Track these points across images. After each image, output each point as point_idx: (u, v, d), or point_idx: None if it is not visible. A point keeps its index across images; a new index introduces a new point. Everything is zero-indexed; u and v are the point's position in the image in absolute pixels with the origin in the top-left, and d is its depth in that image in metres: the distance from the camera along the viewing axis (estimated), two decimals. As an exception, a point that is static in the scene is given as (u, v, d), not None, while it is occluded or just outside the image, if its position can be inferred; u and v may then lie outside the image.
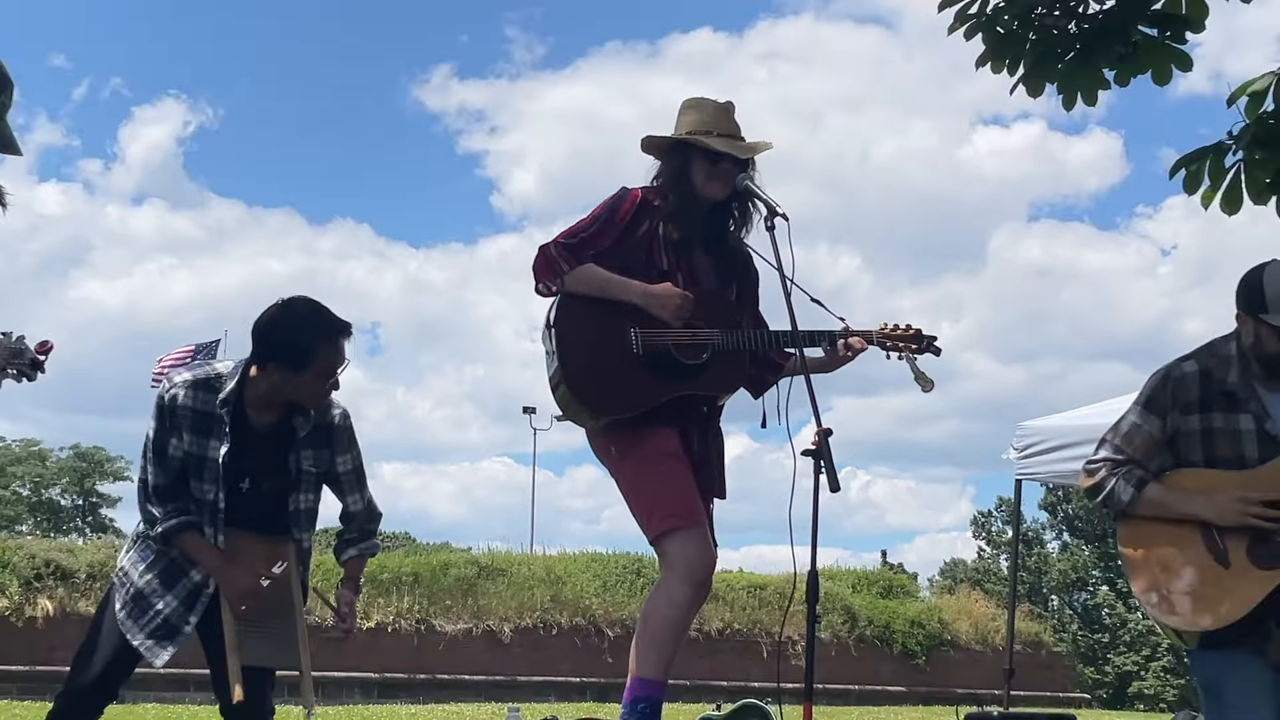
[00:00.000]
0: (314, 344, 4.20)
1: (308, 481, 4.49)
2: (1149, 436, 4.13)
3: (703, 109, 4.64)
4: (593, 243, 4.50)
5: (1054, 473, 8.95)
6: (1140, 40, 6.40)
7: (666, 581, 4.44)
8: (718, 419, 4.75)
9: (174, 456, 4.29)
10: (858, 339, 4.57)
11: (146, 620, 4.32)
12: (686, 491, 4.44)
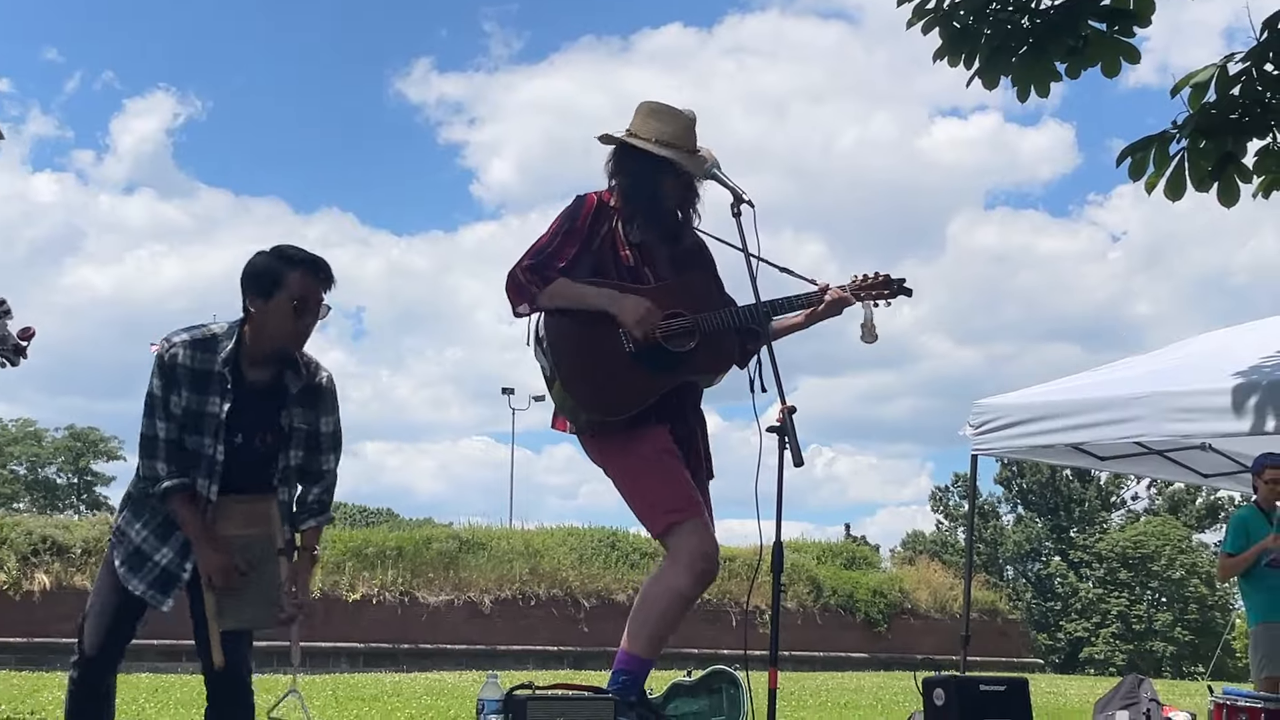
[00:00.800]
0: (278, 269, 4.24)
1: (297, 438, 4.46)
2: None
3: (675, 121, 4.56)
4: (557, 256, 4.47)
5: (1008, 448, 9.01)
6: (1090, 34, 6.44)
7: (670, 570, 4.42)
8: (700, 402, 4.72)
9: (175, 412, 4.28)
10: (834, 291, 4.55)
11: (145, 572, 4.35)
12: (684, 485, 4.44)
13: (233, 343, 4.30)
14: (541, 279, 4.44)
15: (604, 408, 4.45)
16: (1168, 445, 9.38)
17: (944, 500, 58.21)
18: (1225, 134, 6.47)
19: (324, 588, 21.11)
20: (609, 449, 4.53)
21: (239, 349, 4.31)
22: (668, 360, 4.39)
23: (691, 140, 4.54)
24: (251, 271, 4.29)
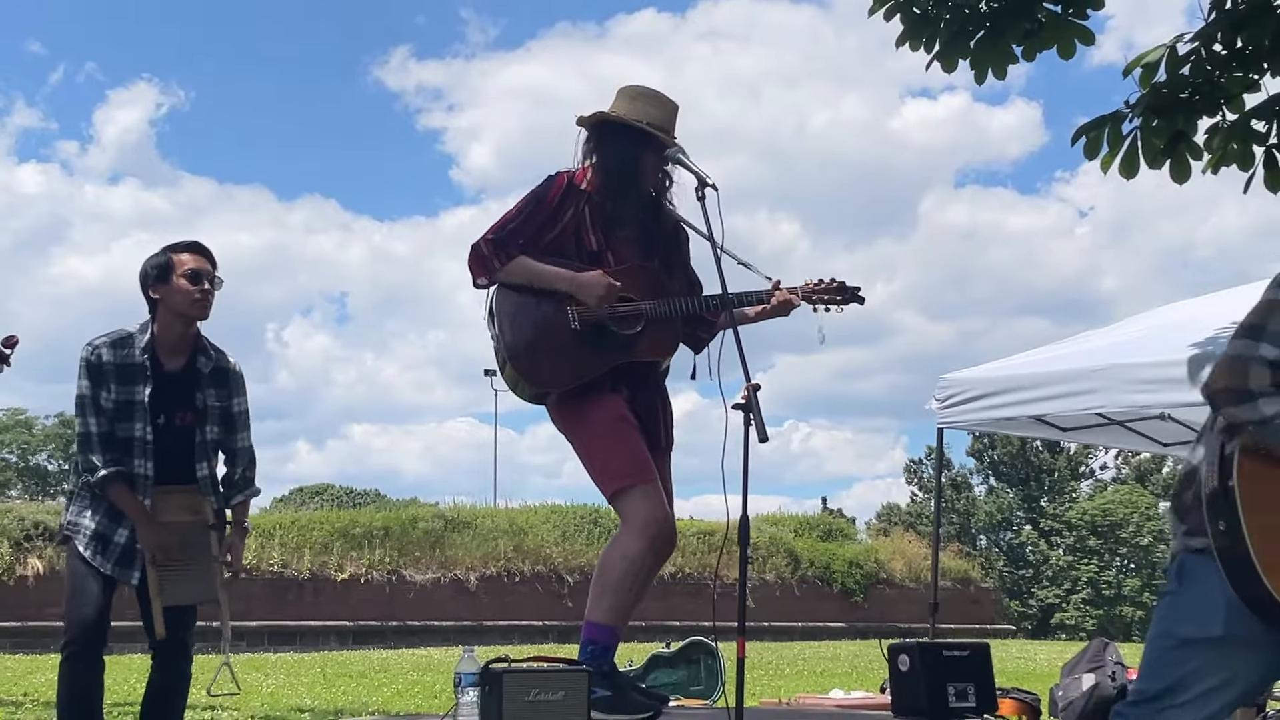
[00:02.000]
0: (167, 256, 4.74)
1: (212, 416, 4.87)
2: None
3: (662, 106, 4.62)
4: (520, 231, 4.51)
5: (973, 421, 9.04)
6: (1045, 17, 6.47)
7: (622, 535, 4.47)
8: (662, 379, 4.75)
9: (105, 407, 4.66)
10: (782, 293, 4.58)
11: (110, 551, 4.66)
12: (636, 451, 4.46)
13: (147, 336, 4.75)
14: (504, 254, 4.50)
15: (543, 381, 4.57)
16: (1127, 416, 9.43)
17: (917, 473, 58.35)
18: (1176, 112, 6.51)
19: (312, 568, 21.16)
20: (569, 415, 4.58)
21: (153, 341, 4.74)
22: (613, 341, 4.46)
23: (673, 126, 4.60)
24: (148, 266, 4.76)
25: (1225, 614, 3.09)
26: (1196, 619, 3.15)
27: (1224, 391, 3.01)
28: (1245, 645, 3.14)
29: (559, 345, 4.46)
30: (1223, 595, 3.06)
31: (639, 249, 4.61)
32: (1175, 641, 3.20)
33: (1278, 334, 2.97)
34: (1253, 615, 3.04)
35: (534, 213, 4.54)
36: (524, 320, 4.51)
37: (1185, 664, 3.18)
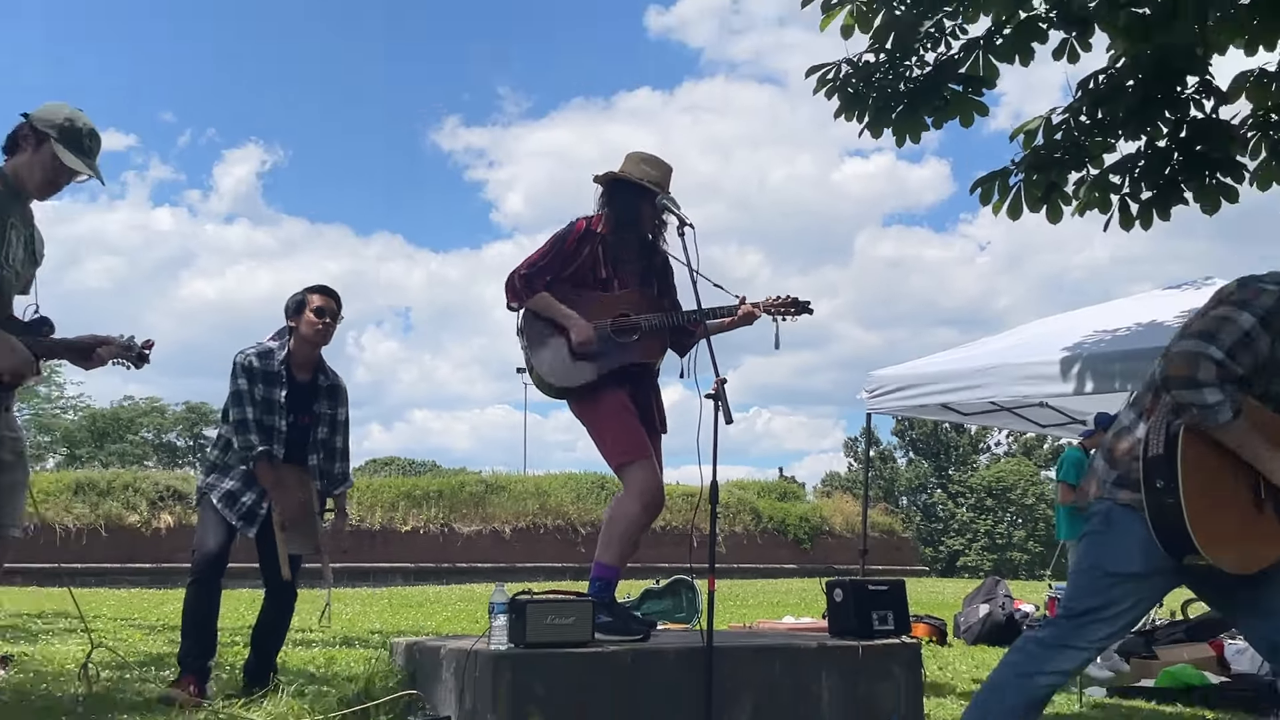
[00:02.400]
0: (302, 295, 4.93)
1: (323, 420, 5.02)
2: (1257, 355, 3.00)
3: (659, 168, 4.62)
4: (547, 269, 4.54)
5: (896, 407, 9.01)
6: (950, 95, 6.46)
7: (623, 498, 4.48)
8: (655, 378, 4.73)
9: (256, 400, 4.77)
10: (749, 307, 4.60)
11: (237, 508, 4.77)
12: (636, 433, 4.46)
13: (284, 352, 4.89)
14: (530, 290, 4.55)
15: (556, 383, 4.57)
16: (1015, 403, 9.42)
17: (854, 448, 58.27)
18: (1051, 169, 6.50)
19: (382, 521, 21.15)
20: (584, 406, 4.57)
21: (289, 356, 4.89)
22: (614, 348, 4.49)
23: (668, 183, 4.61)
24: (290, 300, 4.97)
25: (1143, 556, 3.11)
26: (1120, 559, 3.17)
27: (1178, 379, 2.96)
28: (1154, 577, 3.17)
29: (566, 357, 4.50)
30: (1140, 541, 3.08)
31: (638, 277, 4.63)
32: (1102, 574, 3.21)
33: (1225, 342, 2.93)
34: (1166, 554, 3.04)
35: (558, 254, 4.57)
36: (543, 337, 4.56)
37: (1108, 592, 3.19)
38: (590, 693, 3.94)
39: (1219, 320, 2.98)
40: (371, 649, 6.47)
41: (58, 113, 3.60)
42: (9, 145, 3.60)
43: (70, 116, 3.61)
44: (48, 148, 3.55)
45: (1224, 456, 3.01)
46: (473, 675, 3.99)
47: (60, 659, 6.01)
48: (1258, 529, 3.03)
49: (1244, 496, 3.03)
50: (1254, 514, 3.03)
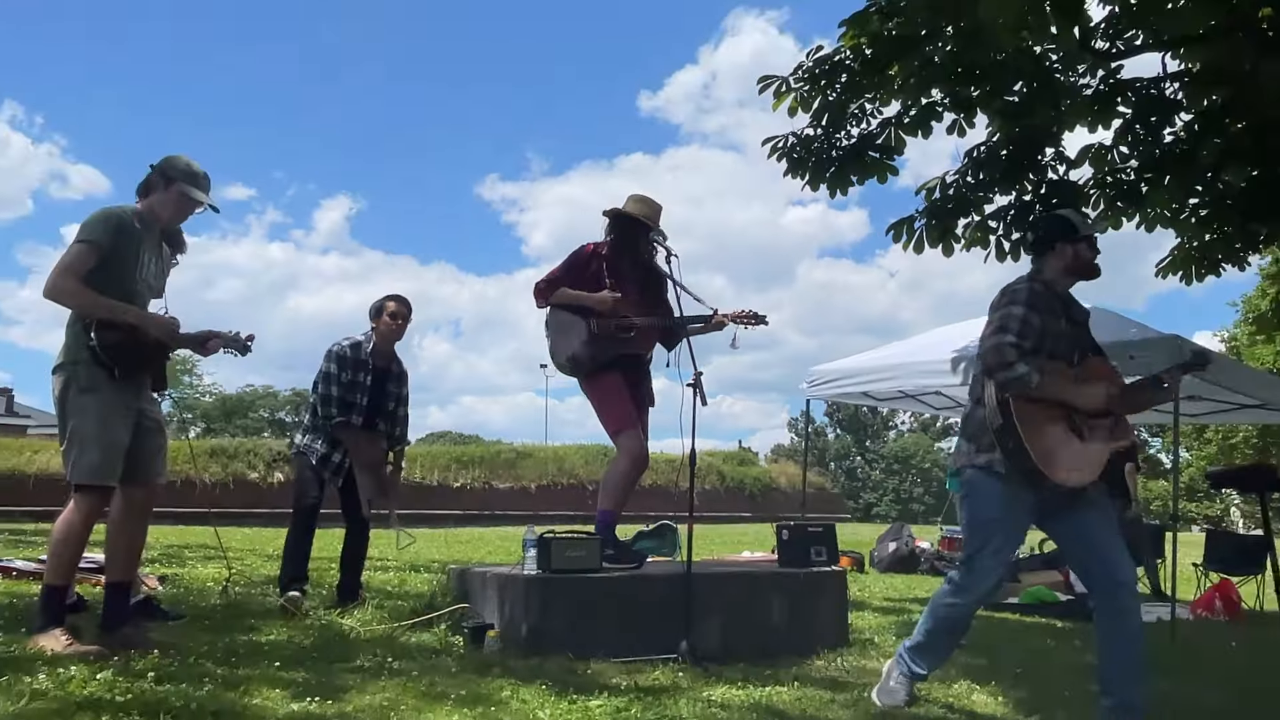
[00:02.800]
0: (381, 302, 5.01)
1: (391, 397, 5.02)
2: (1036, 330, 3.13)
3: (649, 205, 4.58)
4: (562, 280, 4.53)
5: (828, 394, 9.00)
6: (870, 160, 6.49)
7: (619, 460, 4.48)
8: (647, 366, 4.69)
9: (343, 381, 4.81)
10: (720, 317, 4.58)
11: (329, 465, 4.82)
12: (629, 408, 4.45)
13: (370, 345, 4.91)
14: (551, 291, 4.56)
15: (571, 364, 4.53)
16: (917, 391, 9.42)
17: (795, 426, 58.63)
18: (945, 216, 6.53)
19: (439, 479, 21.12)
20: (591, 384, 4.54)
21: (374, 349, 4.91)
22: (615, 340, 4.46)
23: (659, 219, 4.59)
24: (372, 305, 5.04)
25: (1001, 504, 3.25)
26: (987, 509, 3.29)
27: (993, 366, 3.13)
28: (1012, 518, 3.28)
29: (580, 345, 4.47)
30: (997, 492, 3.23)
31: (635, 290, 4.57)
32: (978, 522, 3.32)
33: (1014, 329, 3.13)
34: (1019, 485, 3.17)
35: (571, 268, 4.56)
36: (562, 330, 4.53)
37: (985, 533, 3.30)
38: (598, 607, 3.96)
39: (1004, 317, 3.16)
40: (433, 574, 6.49)
41: (179, 162, 3.61)
42: (143, 189, 3.61)
43: (189, 164, 3.62)
44: (175, 188, 3.57)
45: (1041, 408, 3.13)
46: (510, 593, 4.03)
47: (202, 579, 6.03)
48: (1077, 450, 3.16)
49: (1063, 431, 3.16)
50: (1073, 440, 3.17)
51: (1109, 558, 3.18)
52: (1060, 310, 3.26)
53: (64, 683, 2.84)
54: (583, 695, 3.16)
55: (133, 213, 3.52)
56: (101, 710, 2.61)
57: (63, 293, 3.32)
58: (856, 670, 4.00)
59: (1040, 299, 3.20)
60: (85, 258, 3.35)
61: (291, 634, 3.99)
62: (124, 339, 3.37)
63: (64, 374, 3.38)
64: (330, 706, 2.86)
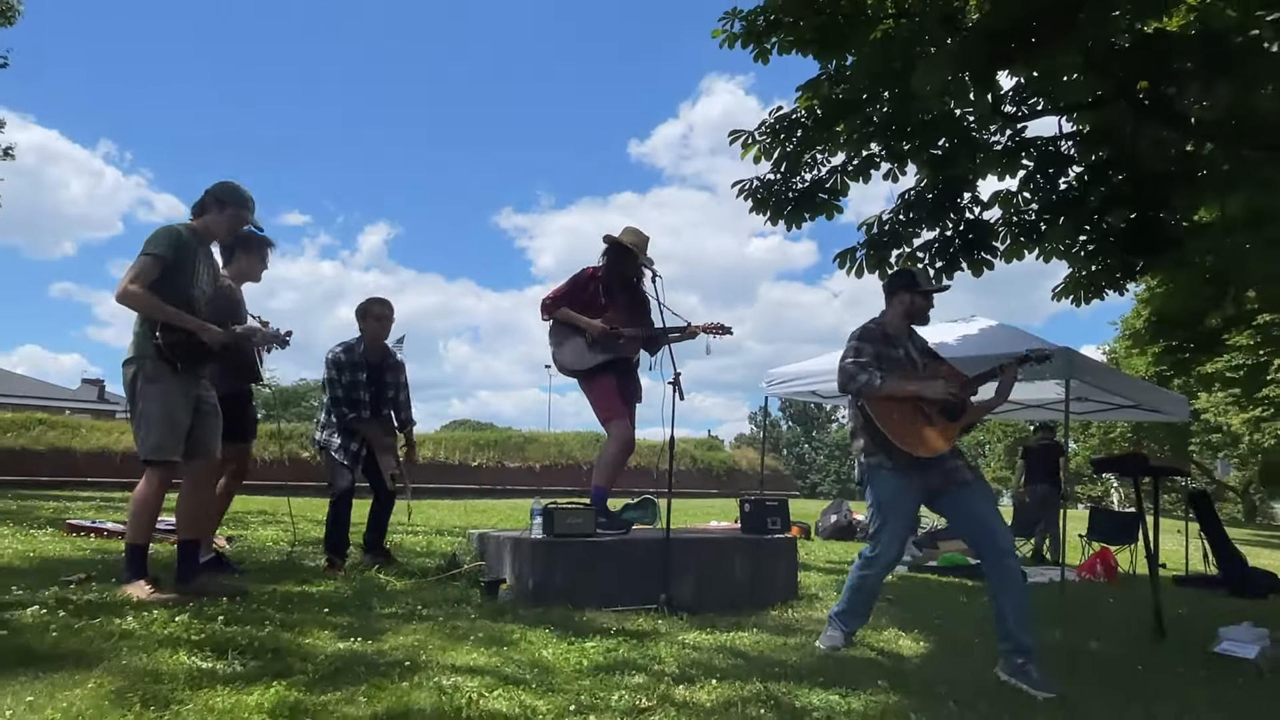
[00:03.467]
0: (367, 304, 4.74)
1: (391, 385, 4.78)
2: (871, 356, 3.33)
3: (639, 235, 4.51)
4: (565, 298, 4.44)
5: (783, 392, 8.99)
6: (819, 201, 6.53)
7: (609, 444, 4.41)
8: (635, 368, 4.61)
9: (344, 383, 4.64)
10: (694, 328, 4.50)
11: (351, 456, 4.61)
12: (618, 401, 4.38)
13: (361, 346, 4.71)
14: (555, 309, 4.47)
15: (570, 368, 4.46)
16: (855, 392, 9.48)
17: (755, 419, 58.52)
18: (881, 247, 6.57)
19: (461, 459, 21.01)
20: (587, 382, 4.46)
21: (365, 347, 4.71)
22: (610, 348, 4.41)
23: (646, 246, 4.53)
24: (358, 309, 4.76)
25: (889, 487, 3.34)
26: (880, 493, 3.36)
27: (843, 383, 3.36)
28: (901, 498, 3.34)
29: (578, 351, 4.42)
30: (885, 478, 3.33)
31: (625, 305, 4.52)
32: (878, 504, 3.37)
33: (851, 356, 3.36)
34: (902, 470, 3.28)
35: (573, 288, 4.48)
36: (563, 339, 4.47)
37: (883, 515, 3.36)
38: (593, 565, 3.95)
39: (845, 351, 3.40)
40: (455, 537, 6.47)
41: (231, 188, 3.56)
42: (198, 209, 3.55)
43: (239, 189, 3.58)
44: (229, 211, 3.54)
45: (891, 404, 3.30)
46: (520, 553, 4.02)
47: (262, 539, 5.99)
48: (926, 429, 3.29)
49: (912, 416, 3.30)
50: (923, 421, 3.29)
51: (989, 526, 3.20)
52: (900, 343, 3.45)
53: (148, 624, 2.81)
54: (579, 637, 3.16)
55: (189, 230, 3.48)
56: (179, 646, 2.59)
57: (132, 298, 3.30)
58: (804, 619, 4.02)
59: (874, 334, 3.43)
60: (151, 269, 3.32)
61: (337, 586, 3.96)
62: (183, 339, 3.35)
63: (133, 366, 3.36)
64: (369, 645, 2.85)
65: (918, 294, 3.46)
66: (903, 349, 3.44)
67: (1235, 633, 3.99)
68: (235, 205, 3.55)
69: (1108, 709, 2.86)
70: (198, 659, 2.48)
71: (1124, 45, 5.18)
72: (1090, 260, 6.57)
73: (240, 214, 3.57)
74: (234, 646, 2.61)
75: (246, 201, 3.59)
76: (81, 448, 17.65)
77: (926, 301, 3.48)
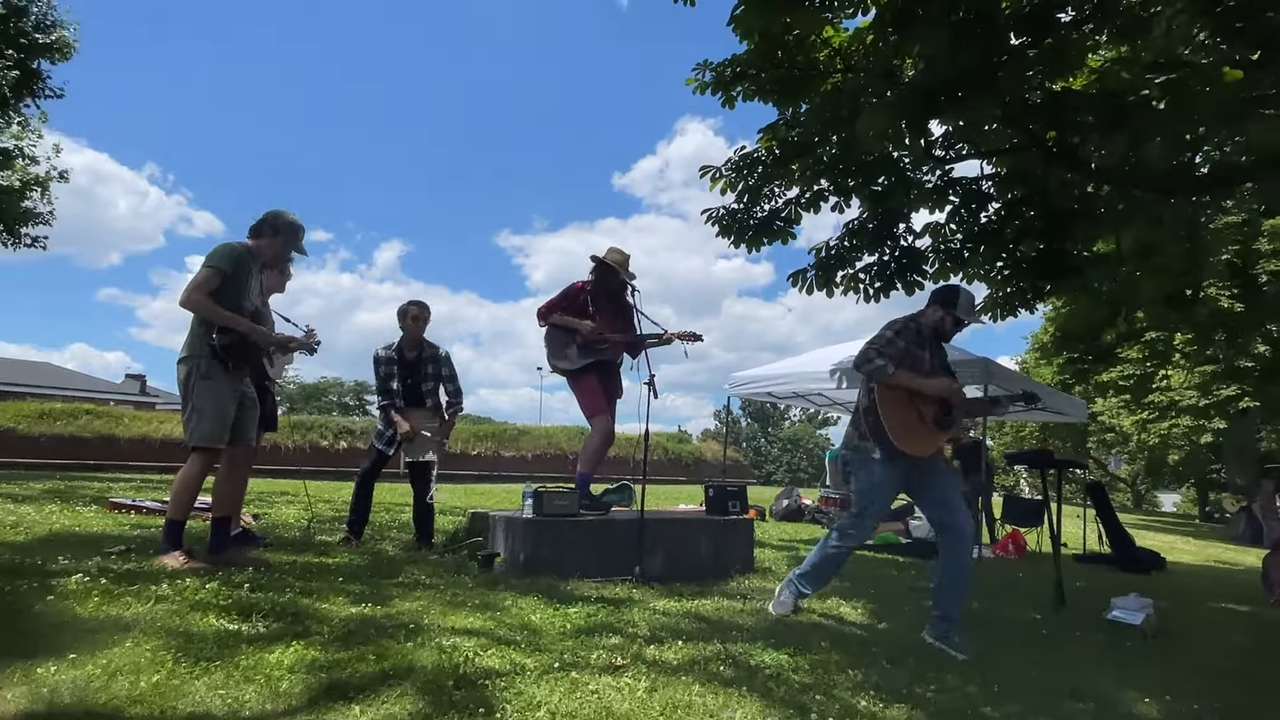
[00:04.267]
0: (406, 308, 4.54)
1: (432, 376, 4.56)
2: (900, 350, 3.18)
3: (620, 253, 4.45)
4: (558, 306, 4.38)
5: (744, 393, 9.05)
6: (777, 228, 6.55)
7: (592, 436, 4.36)
8: (618, 369, 4.55)
9: (383, 376, 4.49)
10: (669, 335, 4.44)
11: (383, 439, 4.49)
12: (601, 399, 4.34)
13: (398, 342, 4.54)
14: (550, 315, 4.41)
15: (561, 367, 4.40)
16: (806, 393, 9.54)
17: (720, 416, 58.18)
18: (830, 268, 6.59)
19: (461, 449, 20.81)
20: (575, 381, 4.39)
21: (401, 345, 4.54)
22: (595, 352, 4.37)
23: (628, 263, 4.48)
24: (399, 310, 4.56)
25: (877, 474, 3.21)
26: (866, 477, 3.25)
27: (860, 362, 3.16)
28: (885, 485, 3.23)
29: (568, 351, 4.37)
30: (873, 465, 3.20)
31: (609, 314, 4.48)
32: (863, 489, 3.27)
33: (880, 344, 3.17)
34: (890, 462, 3.16)
35: (565, 298, 4.44)
36: (556, 341, 4.41)
37: (868, 497, 3.27)
38: (577, 541, 3.93)
39: (878, 335, 3.22)
40: (456, 515, 6.41)
41: (286, 218, 3.52)
42: (254, 231, 3.51)
43: (293, 221, 3.54)
44: (280, 238, 3.50)
45: (900, 400, 3.14)
46: (513, 530, 3.98)
47: (285, 517, 5.89)
48: (922, 433, 3.16)
49: (914, 415, 3.16)
50: (920, 423, 3.16)
51: (954, 509, 3.18)
52: (925, 344, 3.26)
53: (181, 590, 2.76)
54: (563, 604, 3.14)
55: (246, 248, 3.45)
56: (209, 610, 2.54)
57: (195, 305, 3.27)
58: (759, 589, 4.02)
59: (910, 332, 3.23)
60: (213, 280, 3.30)
61: (351, 558, 3.91)
62: (235, 341, 3.32)
63: (189, 364, 3.31)
64: (379, 610, 2.81)
65: (951, 314, 3.24)
66: (926, 352, 3.25)
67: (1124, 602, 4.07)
68: (287, 234, 3.53)
69: (1016, 665, 2.89)
70: (225, 621, 2.44)
71: (1036, 101, 5.27)
72: (1006, 283, 6.65)
73: (290, 242, 3.55)
74: (258, 611, 2.57)
75: (297, 232, 3.57)
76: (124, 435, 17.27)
77: (956, 326, 3.28)
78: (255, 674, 2.04)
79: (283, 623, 2.49)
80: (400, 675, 2.11)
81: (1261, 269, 16.21)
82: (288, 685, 1.99)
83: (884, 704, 2.26)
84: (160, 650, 2.13)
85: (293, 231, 3.54)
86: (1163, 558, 7.53)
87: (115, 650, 2.11)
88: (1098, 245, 6.91)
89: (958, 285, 3.33)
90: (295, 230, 3.56)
